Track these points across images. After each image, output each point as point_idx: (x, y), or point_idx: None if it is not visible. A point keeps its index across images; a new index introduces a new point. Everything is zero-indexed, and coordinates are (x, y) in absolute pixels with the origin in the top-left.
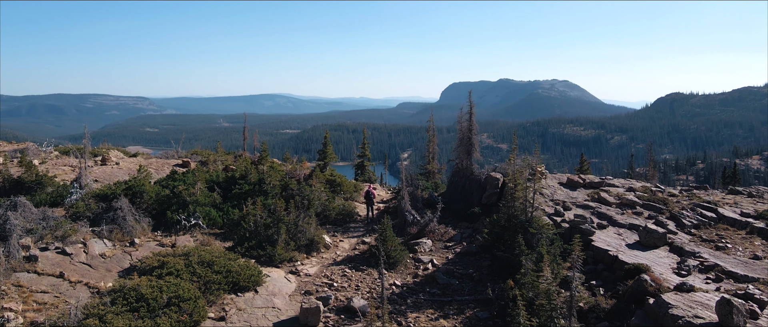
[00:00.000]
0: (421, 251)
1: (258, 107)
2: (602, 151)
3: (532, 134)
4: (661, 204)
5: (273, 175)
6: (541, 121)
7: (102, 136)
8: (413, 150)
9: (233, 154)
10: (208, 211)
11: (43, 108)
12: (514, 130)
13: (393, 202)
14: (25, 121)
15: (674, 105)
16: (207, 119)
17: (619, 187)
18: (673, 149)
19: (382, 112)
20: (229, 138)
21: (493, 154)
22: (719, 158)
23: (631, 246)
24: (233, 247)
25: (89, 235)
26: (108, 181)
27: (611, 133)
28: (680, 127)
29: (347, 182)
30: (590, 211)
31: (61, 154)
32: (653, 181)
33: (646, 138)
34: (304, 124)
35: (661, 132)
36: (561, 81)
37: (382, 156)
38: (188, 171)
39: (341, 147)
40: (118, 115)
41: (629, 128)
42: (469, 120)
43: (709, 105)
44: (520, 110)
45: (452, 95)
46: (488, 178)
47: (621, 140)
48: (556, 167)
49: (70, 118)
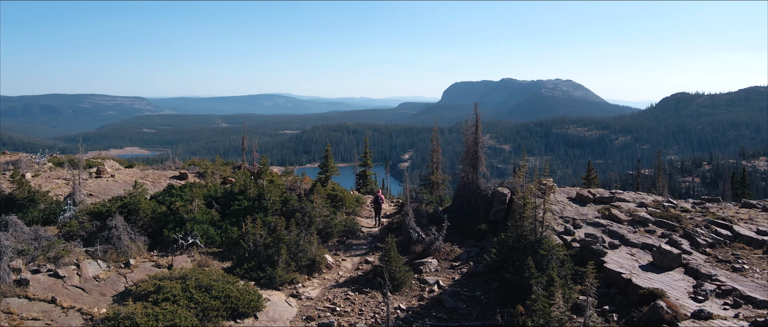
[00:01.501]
0: (427, 271)
1: (257, 107)
2: (607, 152)
3: (535, 135)
4: (675, 221)
5: (273, 190)
6: (545, 122)
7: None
8: (414, 151)
9: (232, 164)
10: (206, 229)
11: (39, 108)
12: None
13: (397, 216)
14: (20, 121)
15: (679, 105)
16: (205, 120)
17: (631, 202)
18: (679, 150)
19: (382, 113)
20: (227, 139)
21: (496, 155)
22: (726, 160)
23: (645, 268)
24: (232, 268)
25: (83, 255)
26: (103, 195)
27: (616, 134)
28: (686, 128)
29: (349, 197)
30: (601, 229)
31: (55, 165)
32: (664, 194)
33: (650, 139)
34: (304, 125)
35: (666, 133)
36: (564, 81)
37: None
38: (185, 185)
39: (341, 148)
40: (115, 115)
41: (634, 129)
42: (475, 133)
43: (714, 105)
44: (523, 110)
45: (454, 95)
46: (495, 194)
47: (625, 141)
48: (559, 169)
49: (66, 118)
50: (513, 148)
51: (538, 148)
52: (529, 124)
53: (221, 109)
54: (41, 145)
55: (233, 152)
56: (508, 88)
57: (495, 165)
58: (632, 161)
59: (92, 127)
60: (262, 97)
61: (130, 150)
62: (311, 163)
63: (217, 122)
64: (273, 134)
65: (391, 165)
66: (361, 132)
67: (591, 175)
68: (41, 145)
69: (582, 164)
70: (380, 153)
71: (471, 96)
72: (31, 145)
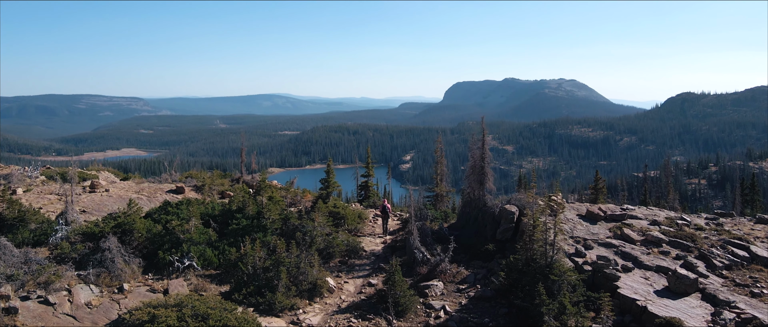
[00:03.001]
0: (432, 295)
1: (256, 108)
2: (611, 153)
3: (538, 136)
4: (689, 241)
5: (272, 208)
6: (548, 122)
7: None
8: (416, 152)
9: (230, 176)
10: (203, 250)
11: (35, 109)
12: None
13: (400, 233)
14: (15, 122)
15: (685, 105)
16: (203, 120)
17: (643, 219)
18: (685, 151)
19: (383, 113)
20: (226, 140)
21: (499, 156)
22: (733, 161)
23: (660, 293)
24: (230, 293)
25: (74, 280)
26: (97, 211)
27: (620, 135)
28: (691, 128)
29: (351, 213)
30: (613, 250)
31: (48, 179)
32: (675, 206)
33: (656, 139)
34: (304, 126)
35: (671, 133)
36: (568, 80)
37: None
38: (182, 201)
39: (342, 149)
40: (112, 116)
41: (639, 129)
42: (482, 148)
43: (721, 105)
44: (526, 111)
45: (456, 95)
46: (502, 212)
47: (630, 142)
48: (563, 170)
49: (62, 119)
50: (516, 150)
51: (541, 149)
52: (532, 125)
53: (219, 110)
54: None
55: (231, 153)
56: (511, 88)
57: (498, 167)
58: (637, 162)
59: (89, 128)
60: (261, 97)
61: (127, 151)
62: (311, 165)
63: (216, 123)
64: (272, 135)
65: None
66: (361, 133)
67: (598, 185)
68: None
69: (586, 166)
70: (381, 154)
71: (473, 96)
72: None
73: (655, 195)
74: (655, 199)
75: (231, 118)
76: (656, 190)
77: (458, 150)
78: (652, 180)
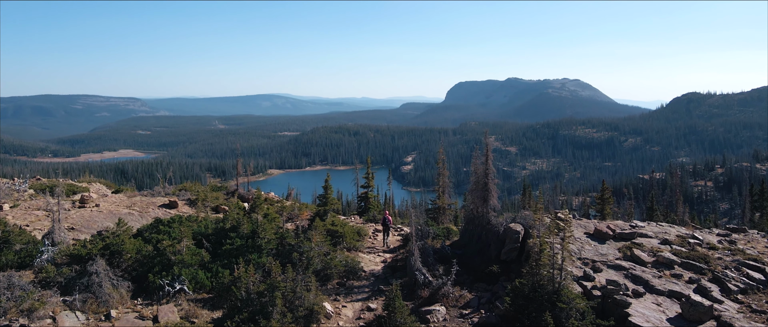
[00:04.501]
0: (434, 321)
1: (255, 108)
2: (616, 154)
3: (542, 136)
4: (702, 263)
5: (268, 227)
6: (552, 123)
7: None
8: (418, 153)
9: (225, 188)
10: (194, 272)
11: (30, 109)
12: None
13: (401, 251)
14: (11, 123)
15: (691, 105)
16: (201, 121)
17: (653, 238)
18: (690, 152)
19: (384, 113)
20: (224, 141)
21: (502, 157)
22: (739, 163)
23: (673, 321)
24: (223, 320)
25: (59, 307)
26: (86, 228)
27: (625, 135)
28: (697, 129)
29: (349, 230)
30: (624, 273)
31: (37, 192)
32: (686, 220)
33: (661, 140)
34: (304, 126)
35: (677, 134)
36: (572, 80)
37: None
38: (174, 218)
39: (342, 150)
40: (109, 116)
41: (644, 130)
42: (485, 163)
43: (727, 105)
44: (529, 111)
45: (458, 95)
46: (507, 231)
47: (635, 142)
48: (567, 171)
49: (58, 119)
50: (519, 151)
51: (544, 150)
52: (535, 125)
53: (218, 110)
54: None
55: (230, 154)
56: (514, 87)
57: (501, 168)
58: (642, 163)
59: (85, 128)
60: (261, 97)
61: (124, 152)
62: (311, 167)
63: (214, 124)
64: (272, 136)
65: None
66: (362, 134)
67: (605, 195)
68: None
69: (590, 167)
70: (382, 156)
71: (476, 96)
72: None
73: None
74: (663, 209)
75: (230, 118)
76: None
77: (461, 151)
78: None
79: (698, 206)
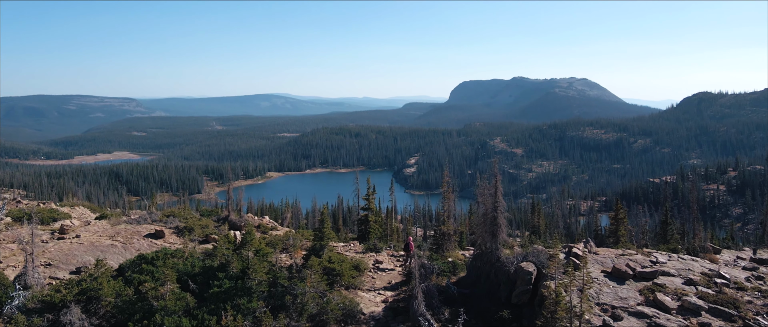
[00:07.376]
0: None
1: (254, 109)
2: (625, 156)
3: (548, 138)
4: (732, 308)
5: (258, 267)
6: (559, 124)
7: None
8: (421, 155)
9: (216, 213)
10: (178, 321)
11: (23, 110)
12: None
13: (403, 290)
14: (2, 124)
15: (702, 105)
16: (199, 122)
17: (675, 276)
18: (701, 153)
19: (386, 113)
20: (222, 142)
21: (507, 159)
22: (752, 165)
23: None
24: None
25: None
26: (64, 264)
27: (634, 136)
28: (708, 130)
29: (347, 268)
30: (646, 321)
31: (14, 220)
32: (707, 247)
33: (671, 141)
34: (303, 127)
35: (687, 135)
36: (579, 79)
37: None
38: (158, 254)
39: (343, 152)
40: (103, 117)
41: (653, 131)
42: (495, 195)
43: (739, 105)
44: (535, 111)
45: (462, 95)
46: (518, 271)
47: (645, 144)
48: (574, 174)
49: (51, 120)
50: (525, 152)
51: (551, 151)
52: (542, 126)
53: (216, 111)
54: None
55: (228, 156)
56: (520, 87)
57: (507, 170)
58: (652, 166)
59: (79, 130)
60: (260, 97)
61: (118, 154)
62: (311, 169)
63: (212, 124)
64: (271, 137)
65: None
66: (363, 135)
67: (619, 214)
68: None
69: (599, 169)
70: (384, 157)
71: (480, 96)
72: (15, 150)
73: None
74: (678, 226)
75: (228, 119)
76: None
77: (465, 153)
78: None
79: (711, 211)
